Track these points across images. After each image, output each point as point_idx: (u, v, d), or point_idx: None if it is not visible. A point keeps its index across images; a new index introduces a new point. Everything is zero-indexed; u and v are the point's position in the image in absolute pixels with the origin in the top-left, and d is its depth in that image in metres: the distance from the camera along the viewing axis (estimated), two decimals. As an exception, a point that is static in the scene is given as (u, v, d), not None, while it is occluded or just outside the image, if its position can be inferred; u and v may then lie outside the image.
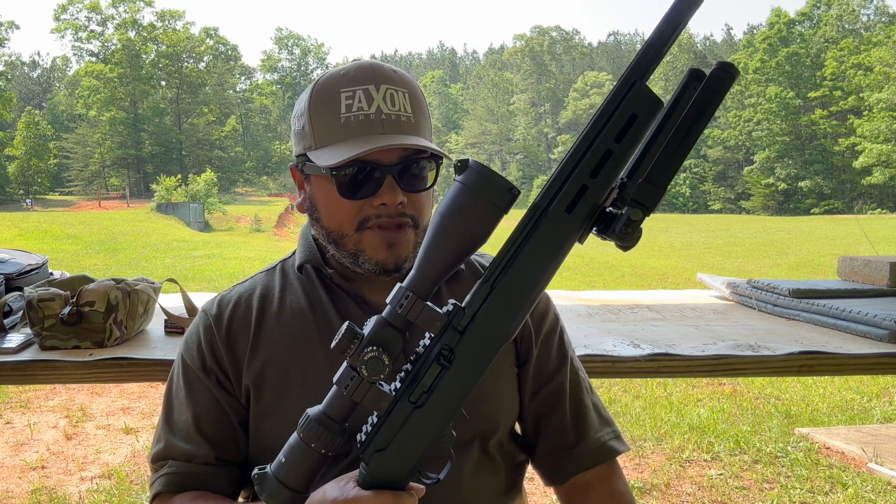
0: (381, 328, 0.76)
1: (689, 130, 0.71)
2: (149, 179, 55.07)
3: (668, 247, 21.65)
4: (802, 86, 54.75)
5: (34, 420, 4.66)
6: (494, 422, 1.07)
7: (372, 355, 0.74)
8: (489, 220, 0.73)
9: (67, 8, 63.19)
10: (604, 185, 0.72)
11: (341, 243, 1.02)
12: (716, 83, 0.71)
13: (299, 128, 1.05)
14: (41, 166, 56.10)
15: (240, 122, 67.91)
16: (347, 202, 0.99)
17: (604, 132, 0.71)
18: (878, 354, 1.59)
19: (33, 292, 1.55)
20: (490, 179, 0.73)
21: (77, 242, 21.52)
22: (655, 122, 0.72)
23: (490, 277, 0.74)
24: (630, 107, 0.70)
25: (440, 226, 0.75)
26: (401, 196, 0.98)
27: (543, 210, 0.73)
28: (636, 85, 0.70)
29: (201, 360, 1.06)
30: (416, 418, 0.76)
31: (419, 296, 0.75)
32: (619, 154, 0.71)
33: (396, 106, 1.00)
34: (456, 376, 0.75)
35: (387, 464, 0.77)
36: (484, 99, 76.63)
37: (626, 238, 0.71)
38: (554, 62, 75.93)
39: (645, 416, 4.64)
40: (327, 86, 1.02)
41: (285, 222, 36.35)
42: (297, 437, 0.81)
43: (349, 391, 0.76)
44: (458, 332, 0.75)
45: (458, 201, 0.74)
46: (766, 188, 53.48)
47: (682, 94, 0.72)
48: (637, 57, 0.70)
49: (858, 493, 3.40)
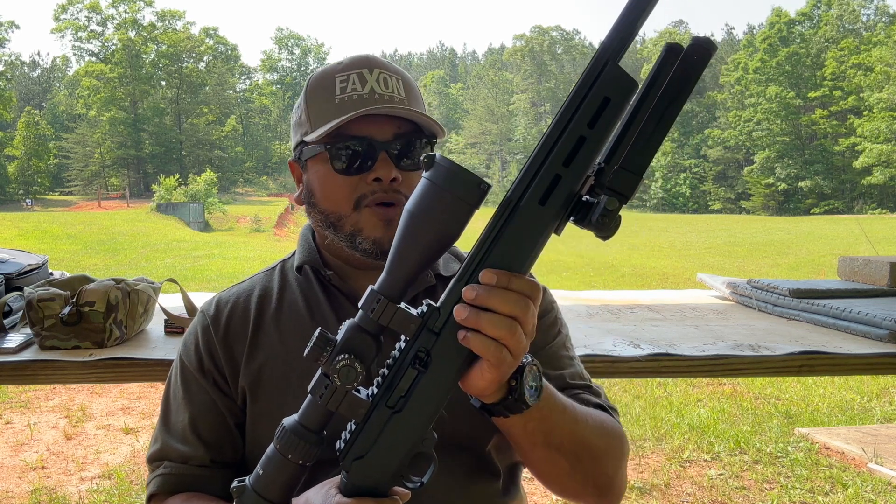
0: (353, 334, 0.74)
1: (665, 112, 0.67)
2: (149, 179, 55.11)
3: (668, 247, 21.64)
4: (803, 86, 54.75)
5: (34, 420, 4.65)
6: (488, 425, 1.05)
7: (344, 363, 0.72)
8: (460, 217, 0.71)
9: (67, 8, 63.18)
10: (578, 174, 0.69)
11: (339, 225, 1.02)
12: (692, 60, 0.67)
13: (296, 119, 1.07)
14: (41, 166, 56.10)
15: (240, 122, 67.88)
16: (343, 179, 1.00)
17: (576, 118, 0.67)
18: (878, 354, 1.59)
19: (33, 292, 1.55)
20: (458, 175, 0.70)
21: (77, 242, 21.52)
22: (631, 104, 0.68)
23: (465, 275, 0.72)
24: (602, 89, 0.67)
25: (409, 225, 0.72)
26: (395, 172, 0.99)
27: (516, 203, 0.70)
28: (608, 66, 0.67)
29: (199, 362, 1.06)
30: (395, 424, 0.74)
31: (391, 298, 0.73)
32: (593, 141, 0.68)
33: (390, 88, 1.02)
34: (433, 379, 0.73)
35: (367, 471, 0.75)
36: (484, 99, 76.63)
37: (604, 227, 0.69)
38: (554, 62, 75.91)
39: (645, 416, 4.63)
40: (323, 75, 1.05)
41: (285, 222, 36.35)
42: (274, 449, 0.79)
43: (324, 400, 0.74)
44: (434, 333, 0.73)
45: (426, 199, 0.71)
46: (766, 188, 53.47)
47: (658, 72, 0.68)
48: (608, 36, 0.67)
49: (858, 493, 3.40)
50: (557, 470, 0.94)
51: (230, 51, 69.02)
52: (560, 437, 0.89)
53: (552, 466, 0.93)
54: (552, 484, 0.98)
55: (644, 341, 1.63)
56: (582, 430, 0.92)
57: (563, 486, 0.98)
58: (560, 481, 0.96)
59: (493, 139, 73.91)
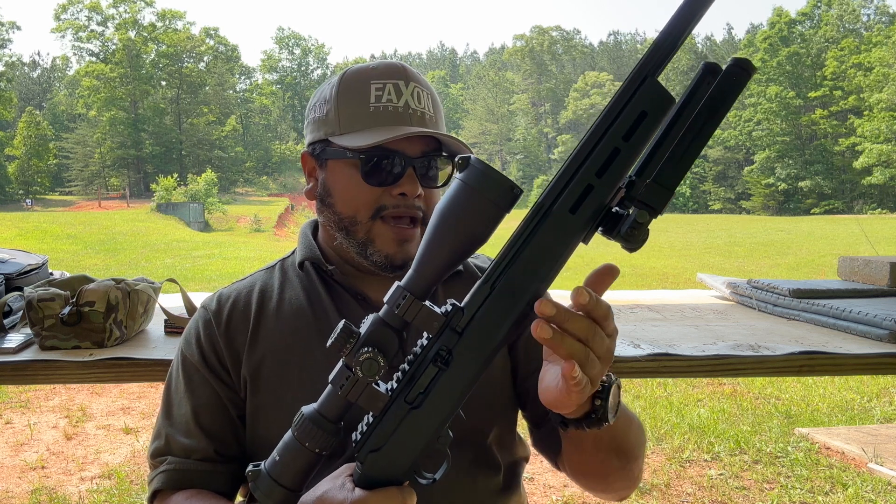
0: (377, 328, 0.75)
1: (701, 130, 0.68)
2: (149, 179, 55.05)
3: (668, 247, 21.64)
4: (803, 86, 54.75)
5: (34, 420, 4.66)
6: (490, 416, 1.06)
7: (367, 356, 0.73)
8: (490, 220, 0.72)
9: (68, 8, 63.18)
10: (610, 185, 0.69)
11: (352, 230, 1.03)
12: (730, 80, 0.67)
13: (321, 115, 1.07)
14: (41, 166, 56.06)
15: (240, 122, 67.82)
16: (367, 187, 1.02)
17: (611, 130, 0.68)
18: (878, 354, 1.58)
19: (33, 292, 1.55)
20: (492, 178, 0.70)
21: (77, 242, 21.52)
22: (666, 119, 0.69)
23: (491, 278, 0.72)
24: (640, 104, 0.67)
25: (440, 225, 0.73)
26: (420, 188, 1.01)
27: (547, 210, 0.70)
28: (647, 81, 0.67)
29: (200, 354, 1.07)
30: (412, 419, 0.75)
31: (417, 296, 0.74)
32: (627, 153, 0.68)
33: (422, 104, 1.04)
34: (453, 378, 0.74)
35: (382, 464, 0.76)
36: (484, 99, 76.64)
37: (633, 240, 0.69)
38: (554, 62, 75.94)
39: (645, 416, 4.64)
40: (357, 76, 1.05)
41: (285, 222, 36.36)
42: (292, 436, 0.80)
43: (344, 391, 0.75)
44: (457, 333, 0.73)
45: (458, 200, 0.72)
46: (767, 188, 53.48)
47: (695, 90, 0.69)
48: (648, 52, 0.68)
49: (858, 493, 3.40)
50: (608, 470, 0.96)
51: (230, 51, 68.99)
52: (620, 440, 0.93)
53: (605, 467, 0.96)
54: (598, 483, 1.01)
55: (644, 341, 1.63)
56: (632, 429, 0.96)
57: (608, 485, 1.00)
58: (608, 480, 0.99)
59: (494, 139, 73.90)
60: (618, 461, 0.95)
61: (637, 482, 1.03)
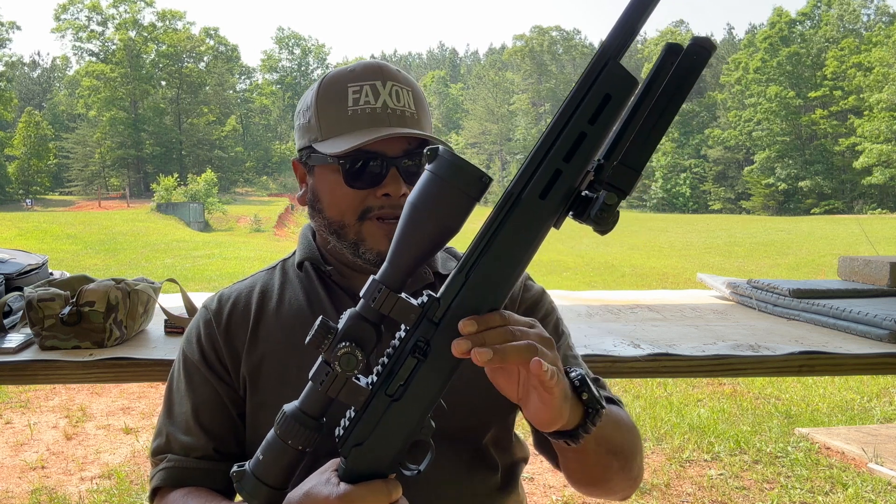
0: (354, 322, 0.76)
1: (665, 109, 0.69)
2: (149, 179, 55.05)
3: (668, 247, 21.65)
4: (803, 85, 54.72)
5: (34, 420, 4.65)
6: (484, 416, 1.06)
7: (345, 351, 0.74)
8: (461, 210, 0.72)
9: (68, 8, 63.13)
10: (578, 170, 0.70)
11: (342, 233, 1.04)
12: (691, 59, 0.68)
13: (304, 122, 1.07)
14: (41, 166, 56.02)
15: (240, 122, 67.78)
16: (351, 191, 1.02)
17: (577, 114, 0.69)
18: (878, 354, 1.59)
19: (33, 292, 1.55)
20: (461, 168, 0.71)
21: (77, 242, 21.51)
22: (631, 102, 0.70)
23: (465, 267, 0.73)
24: (604, 87, 0.68)
25: (412, 216, 0.73)
26: (404, 188, 1.01)
27: (517, 197, 0.71)
28: (609, 63, 0.68)
29: (201, 353, 1.08)
30: (394, 412, 0.75)
31: (392, 288, 0.74)
32: (594, 137, 0.69)
33: (401, 102, 1.03)
34: (432, 368, 0.74)
35: (366, 458, 0.77)
36: (484, 99, 76.62)
37: (602, 222, 0.69)
38: (554, 62, 75.90)
39: (645, 416, 4.63)
40: (335, 81, 1.05)
41: (285, 222, 36.36)
42: (274, 434, 0.80)
43: (324, 387, 0.76)
44: (434, 323, 0.74)
45: (428, 191, 0.72)
46: (767, 188, 53.45)
47: (658, 71, 0.69)
48: (610, 35, 0.68)
49: (858, 493, 3.39)
50: (610, 473, 0.97)
51: (230, 51, 68.94)
52: (617, 441, 0.94)
53: (607, 471, 0.96)
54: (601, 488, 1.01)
55: (644, 341, 1.63)
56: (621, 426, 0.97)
57: (611, 488, 1.01)
58: (611, 483, 0.99)
59: (493, 139, 73.90)
60: (617, 461, 0.95)
61: (639, 481, 1.03)
